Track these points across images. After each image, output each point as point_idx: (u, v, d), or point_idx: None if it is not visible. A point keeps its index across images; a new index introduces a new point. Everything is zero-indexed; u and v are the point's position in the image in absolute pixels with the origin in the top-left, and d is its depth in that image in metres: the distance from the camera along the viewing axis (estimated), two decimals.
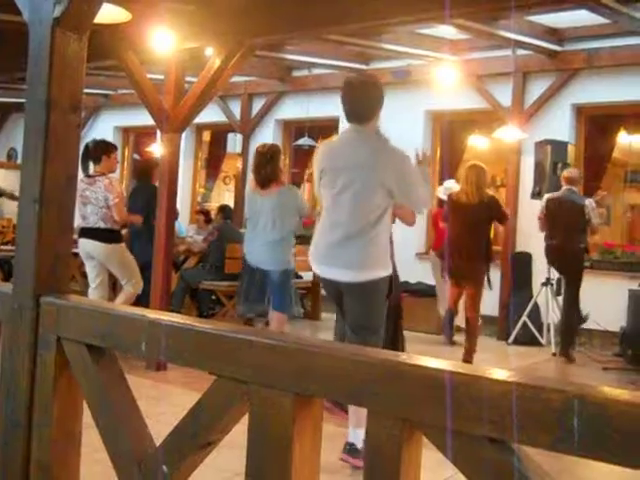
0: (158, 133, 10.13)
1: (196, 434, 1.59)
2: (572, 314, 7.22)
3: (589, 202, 7.11)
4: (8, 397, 1.99)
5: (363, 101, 3.70)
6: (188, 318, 1.70)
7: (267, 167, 5.46)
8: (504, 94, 8.63)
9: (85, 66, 2.07)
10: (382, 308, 3.66)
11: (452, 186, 7.57)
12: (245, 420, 1.51)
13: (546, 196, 7.34)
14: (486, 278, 6.53)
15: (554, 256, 7.25)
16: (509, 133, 8.25)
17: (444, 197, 7.37)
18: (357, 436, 3.60)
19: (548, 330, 7.82)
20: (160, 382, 5.38)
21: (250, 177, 5.91)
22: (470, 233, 6.33)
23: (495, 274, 8.62)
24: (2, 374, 2.01)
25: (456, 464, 1.24)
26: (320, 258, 3.68)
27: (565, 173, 7.38)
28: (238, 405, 1.54)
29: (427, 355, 1.38)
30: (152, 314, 1.72)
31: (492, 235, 7.18)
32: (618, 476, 3.80)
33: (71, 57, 2.01)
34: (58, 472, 1.93)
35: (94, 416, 1.81)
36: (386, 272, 3.60)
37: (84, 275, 6.80)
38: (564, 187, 7.24)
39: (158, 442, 1.69)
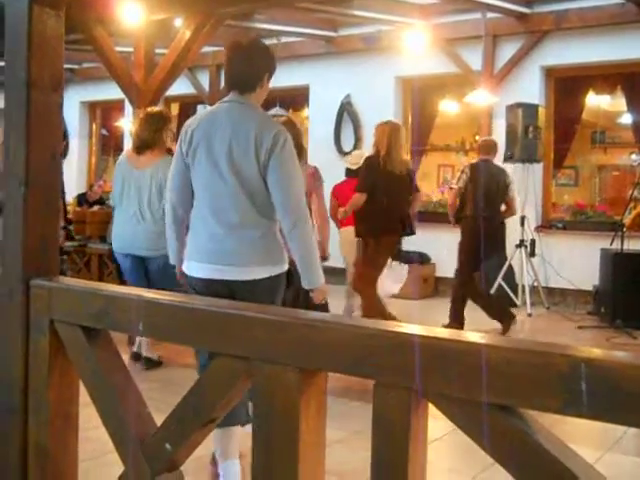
0: (127, 107, 10.00)
1: (199, 412, 1.60)
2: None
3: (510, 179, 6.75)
4: (1, 383, 1.97)
5: (248, 65, 2.98)
6: (185, 297, 1.70)
7: (149, 131, 4.72)
8: (474, 58, 8.63)
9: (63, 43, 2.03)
10: None
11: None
12: None
13: (468, 166, 6.80)
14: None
15: (476, 230, 6.38)
16: (480, 97, 8.26)
17: (353, 167, 6.68)
18: (227, 470, 3.05)
19: (523, 291, 7.94)
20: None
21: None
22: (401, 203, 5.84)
23: None
24: None
25: (465, 432, 1.26)
26: (200, 255, 2.93)
27: (480, 142, 7.05)
28: (240, 381, 1.54)
29: None
30: (149, 294, 1.71)
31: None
32: (592, 431, 3.89)
33: (49, 34, 1.96)
34: (56, 454, 1.93)
35: (92, 397, 1.81)
36: (279, 269, 2.95)
37: None
38: (481, 158, 6.77)
39: None
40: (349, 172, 6.76)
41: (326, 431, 1.51)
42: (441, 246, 8.81)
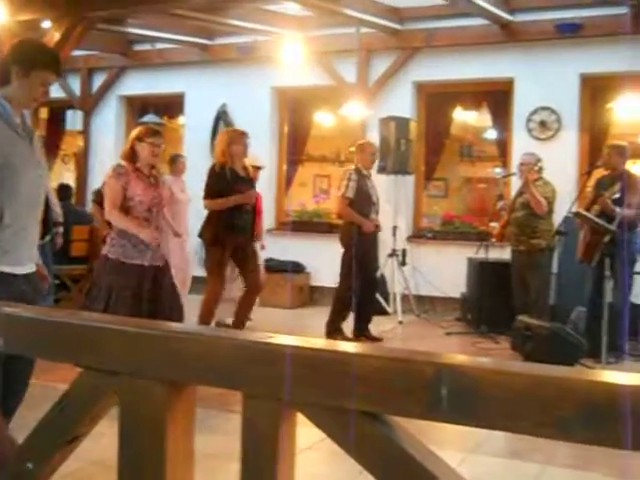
0: None
1: (63, 428, 1.53)
2: None
3: None
4: None
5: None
6: (48, 309, 1.63)
7: None
8: (349, 71, 8.81)
9: None
10: None
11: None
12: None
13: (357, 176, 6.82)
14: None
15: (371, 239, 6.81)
16: (354, 110, 8.44)
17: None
18: None
19: (394, 299, 8.15)
20: None
21: None
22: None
23: (339, 248, 8.88)
24: None
25: (334, 439, 1.27)
26: (24, 258, 2.89)
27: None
28: (107, 396, 1.49)
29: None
30: (8, 307, 1.63)
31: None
32: (458, 434, 4.05)
33: None
34: None
35: None
36: None
37: None
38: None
39: None
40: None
41: (199, 444, 1.49)
42: (316, 255, 8.93)
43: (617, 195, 6.15)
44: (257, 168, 6.93)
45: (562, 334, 6.01)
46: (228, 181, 5.91)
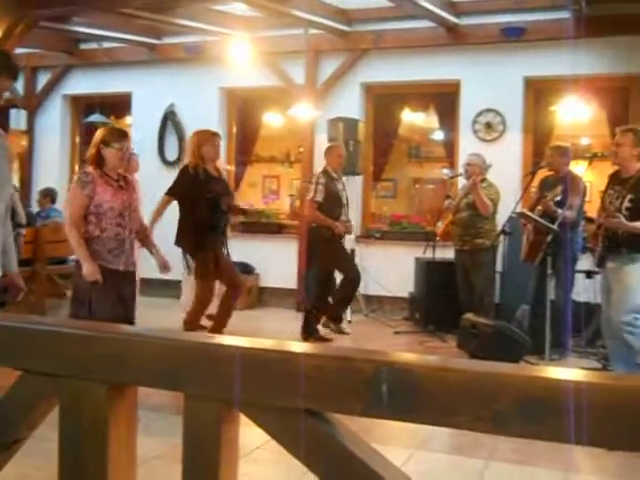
0: None
1: (1, 432, 1.51)
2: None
3: None
4: None
5: None
6: None
7: None
8: (297, 72, 8.83)
9: None
10: None
11: None
12: None
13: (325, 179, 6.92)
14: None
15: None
16: (303, 111, 8.46)
17: None
18: None
19: None
20: None
21: None
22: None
23: (292, 247, 8.89)
24: None
25: (274, 437, 1.28)
26: None
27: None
28: (46, 399, 1.47)
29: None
30: None
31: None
32: (403, 431, 4.09)
33: None
34: None
35: None
36: None
37: None
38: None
39: None
40: None
41: (144, 447, 1.48)
42: (265, 256, 8.92)
43: (559, 197, 6.29)
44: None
45: (507, 332, 6.12)
46: (201, 182, 5.80)
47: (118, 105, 10.32)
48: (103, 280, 4.39)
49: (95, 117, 9.67)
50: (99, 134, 4.63)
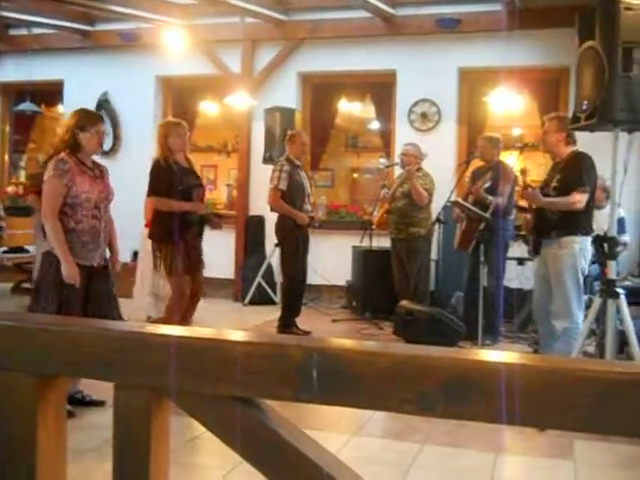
0: None
1: None
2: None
3: None
4: None
5: None
6: None
7: None
8: (234, 61, 8.77)
9: None
10: None
11: None
12: None
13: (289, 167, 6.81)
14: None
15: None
16: (239, 100, 8.41)
17: None
18: None
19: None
20: None
21: None
22: None
23: (230, 237, 8.85)
24: None
25: (206, 426, 1.29)
26: None
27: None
28: None
29: None
30: None
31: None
32: (340, 417, 4.15)
33: None
34: None
35: None
36: None
37: None
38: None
39: None
40: None
41: (78, 440, 1.46)
42: (204, 246, 8.84)
43: (488, 184, 6.46)
44: None
45: (441, 318, 6.24)
46: (175, 174, 5.49)
47: (50, 93, 10.07)
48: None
49: (26, 105, 9.41)
50: (73, 118, 4.37)
